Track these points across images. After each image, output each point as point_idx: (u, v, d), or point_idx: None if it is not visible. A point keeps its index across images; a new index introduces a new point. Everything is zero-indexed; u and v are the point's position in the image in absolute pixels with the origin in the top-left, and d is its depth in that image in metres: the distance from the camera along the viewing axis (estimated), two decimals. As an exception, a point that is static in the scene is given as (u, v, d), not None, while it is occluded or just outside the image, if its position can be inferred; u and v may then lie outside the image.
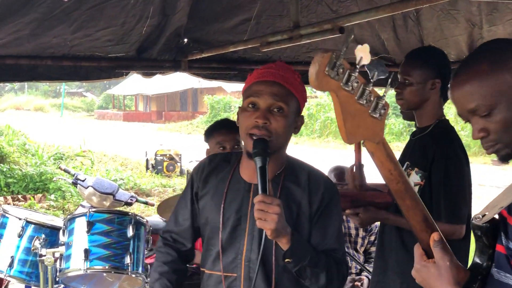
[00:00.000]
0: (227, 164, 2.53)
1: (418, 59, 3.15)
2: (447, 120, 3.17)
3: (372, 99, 1.48)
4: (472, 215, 1.63)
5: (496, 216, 1.60)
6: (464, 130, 21.90)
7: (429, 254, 1.61)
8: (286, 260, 2.26)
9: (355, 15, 3.27)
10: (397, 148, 17.70)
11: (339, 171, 4.83)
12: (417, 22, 4.32)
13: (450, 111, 23.14)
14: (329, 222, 2.42)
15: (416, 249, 1.64)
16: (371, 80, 1.46)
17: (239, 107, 2.45)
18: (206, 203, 2.50)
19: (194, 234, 2.59)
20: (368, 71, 1.47)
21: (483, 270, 1.63)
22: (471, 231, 3.06)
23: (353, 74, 1.43)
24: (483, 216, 1.60)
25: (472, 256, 1.68)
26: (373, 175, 2.49)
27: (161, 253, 2.60)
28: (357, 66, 1.44)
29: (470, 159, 3.11)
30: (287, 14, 3.96)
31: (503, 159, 1.67)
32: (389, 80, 1.53)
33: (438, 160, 3.00)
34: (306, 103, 2.50)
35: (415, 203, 1.58)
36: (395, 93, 3.15)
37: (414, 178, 3.05)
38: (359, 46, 1.43)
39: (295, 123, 2.40)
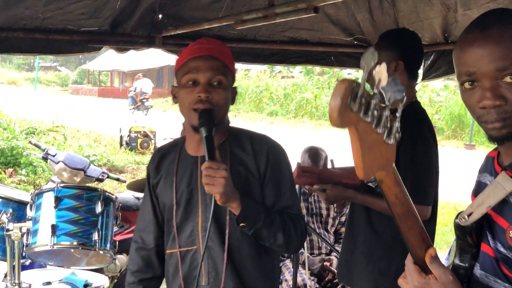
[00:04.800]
0: (175, 147, 2.59)
1: (385, 41, 3.20)
2: (419, 102, 3.17)
3: (388, 124, 1.29)
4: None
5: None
6: (438, 114, 22.07)
7: (423, 269, 1.50)
8: (241, 224, 2.32)
9: (330, -5, 3.25)
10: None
11: (313, 152, 4.83)
12: (392, 4, 4.30)
13: (425, 94, 23.35)
14: (281, 180, 2.47)
15: (409, 264, 1.53)
16: (388, 103, 1.27)
17: (174, 86, 2.51)
18: (161, 188, 2.55)
19: (158, 228, 2.62)
20: (383, 94, 1.27)
21: (466, 270, 1.57)
22: (437, 214, 3.12)
23: (373, 101, 1.24)
24: (469, 215, 1.51)
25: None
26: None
27: (131, 260, 2.68)
28: (376, 91, 1.25)
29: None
30: (263, -8, 3.92)
31: (501, 139, 1.48)
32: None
33: (406, 141, 3.00)
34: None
35: (416, 222, 1.49)
36: None
37: (382, 160, 3.05)
38: (378, 67, 1.25)
39: (231, 95, 2.47)
